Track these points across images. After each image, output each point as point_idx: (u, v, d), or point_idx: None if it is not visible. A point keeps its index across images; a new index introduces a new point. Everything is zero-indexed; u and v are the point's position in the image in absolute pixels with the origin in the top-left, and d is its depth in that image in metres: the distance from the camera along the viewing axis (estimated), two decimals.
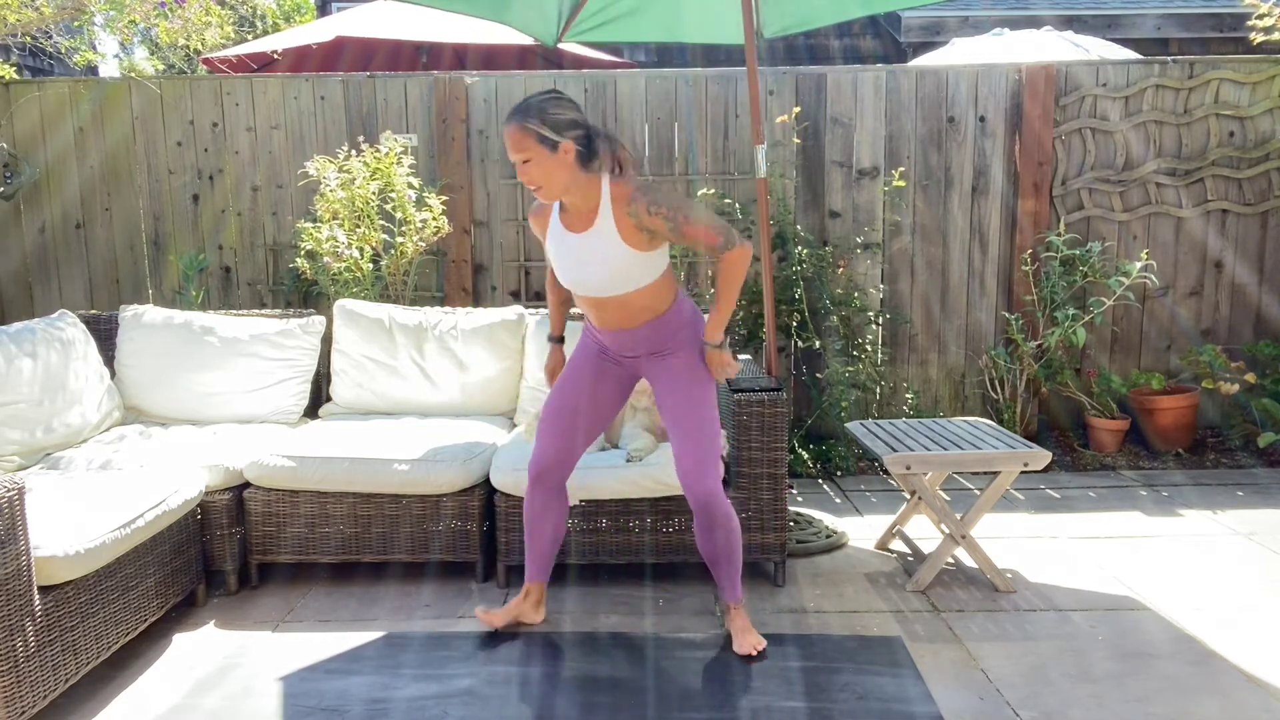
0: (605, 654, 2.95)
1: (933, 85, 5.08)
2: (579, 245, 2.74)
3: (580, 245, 2.74)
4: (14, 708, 2.39)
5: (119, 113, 5.12)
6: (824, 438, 5.04)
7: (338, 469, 3.37)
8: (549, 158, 2.63)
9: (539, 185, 2.66)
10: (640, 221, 2.67)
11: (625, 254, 2.71)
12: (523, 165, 2.63)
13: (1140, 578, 3.50)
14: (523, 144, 2.62)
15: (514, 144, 2.63)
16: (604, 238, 2.70)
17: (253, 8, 7.68)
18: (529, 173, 2.64)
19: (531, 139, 2.61)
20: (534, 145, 2.62)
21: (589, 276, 2.77)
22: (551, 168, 2.64)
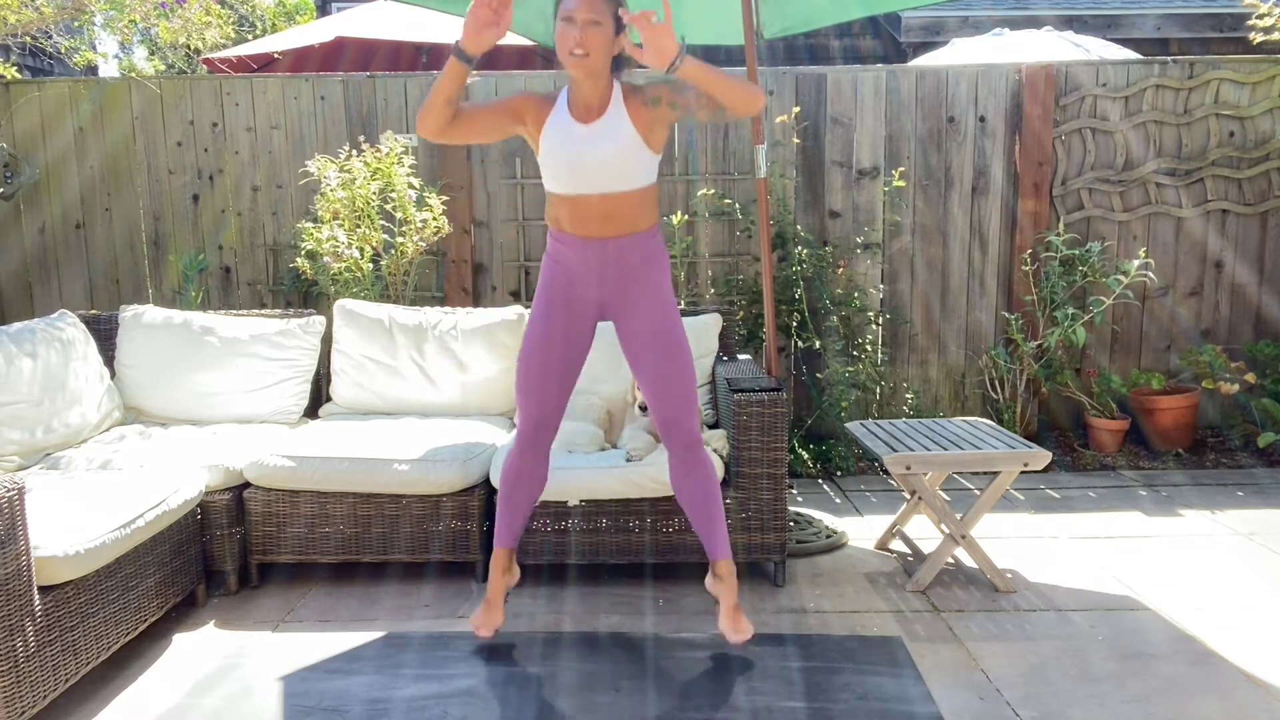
0: (605, 654, 2.95)
1: (933, 85, 5.08)
2: (587, 133, 2.71)
3: (589, 133, 2.71)
4: (14, 708, 2.39)
5: (119, 113, 5.12)
6: (824, 438, 5.04)
7: (338, 469, 3.37)
8: (610, 35, 2.63)
9: (589, 52, 2.59)
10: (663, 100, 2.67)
11: (633, 142, 2.70)
12: (589, 25, 2.58)
13: (1140, 578, 3.50)
14: (599, 9, 2.60)
15: (592, 5, 2.58)
16: (615, 124, 2.70)
17: (252, 7, 7.68)
18: (592, 36, 2.58)
19: (610, 9, 2.62)
20: (607, 16, 2.61)
21: (591, 165, 2.72)
22: (606, 45, 2.63)
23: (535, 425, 2.88)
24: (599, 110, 2.72)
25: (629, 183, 2.75)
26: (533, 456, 2.92)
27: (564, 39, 2.61)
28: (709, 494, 2.88)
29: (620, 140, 2.70)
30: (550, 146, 2.76)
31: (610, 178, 2.73)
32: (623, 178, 2.74)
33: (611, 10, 2.63)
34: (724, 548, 2.90)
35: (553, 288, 2.88)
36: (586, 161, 2.72)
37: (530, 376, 2.86)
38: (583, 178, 2.74)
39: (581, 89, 2.72)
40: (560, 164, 2.76)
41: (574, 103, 2.75)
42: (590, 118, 2.72)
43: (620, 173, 2.73)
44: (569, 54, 2.62)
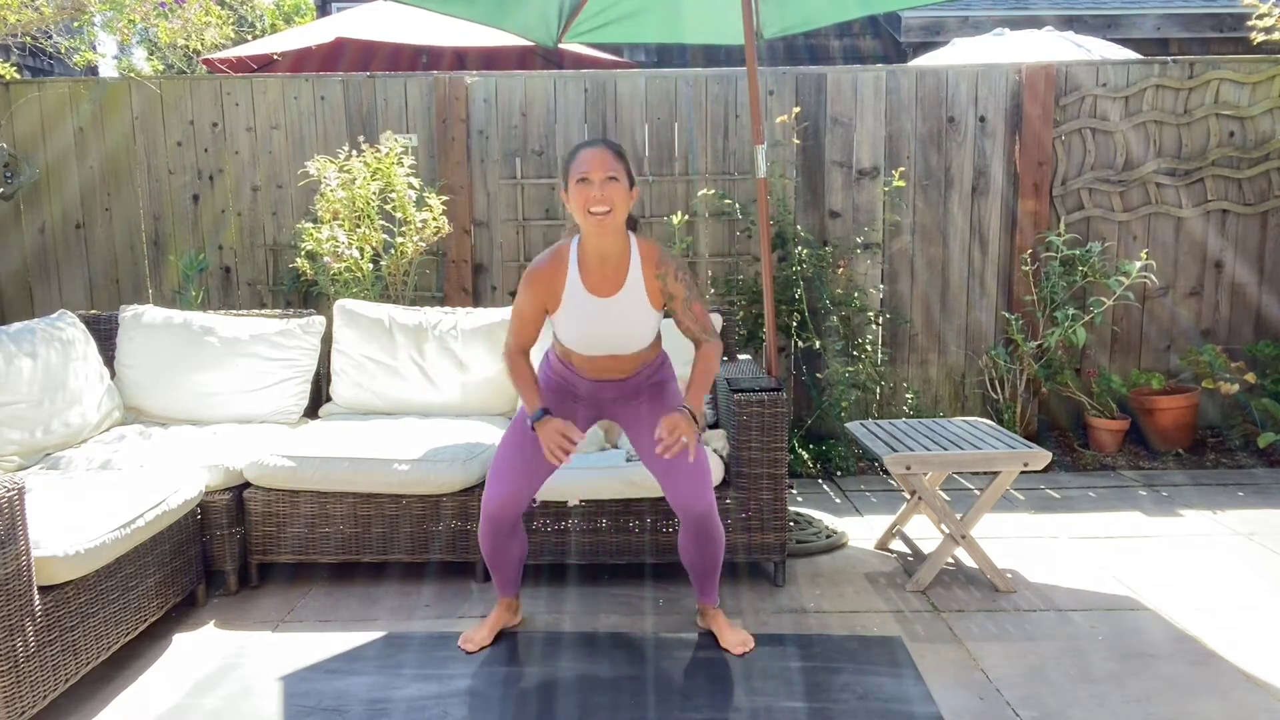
0: (605, 654, 2.95)
1: (933, 85, 5.08)
2: (608, 307, 2.74)
3: (610, 307, 2.74)
4: (14, 708, 2.39)
5: (119, 113, 5.12)
6: (824, 438, 5.04)
7: (338, 469, 3.37)
8: (626, 190, 2.68)
9: (611, 208, 2.63)
10: (666, 284, 2.75)
11: (649, 314, 2.78)
12: (607, 182, 2.62)
13: (1140, 578, 3.50)
14: (613, 165, 2.65)
15: (604, 162, 2.63)
16: (634, 298, 2.74)
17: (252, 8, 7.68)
18: (611, 191, 2.63)
19: (622, 166, 2.67)
20: (621, 172, 2.66)
21: (610, 339, 2.78)
22: (624, 199, 2.67)
23: (502, 505, 2.84)
24: (616, 279, 2.73)
25: (643, 343, 2.83)
26: (497, 529, 2.87)
27: (582, 199, 2.63)
28: (714, 557, 2.93)
29: (639, 313, 2.77)
30: (566, 320, 2.79)
31: (627, 345, 2.81)
32: (639, 341, 2.82)
33: (624, 166, 2.67)
34: (713, 595, 3.02)
35: (554, 388, 2.94)
36: (606, 335, 2.78)
37: (510, 462, 2.85)
38: (599, 346, 2.81)
39: (598, 250, 2.72)
40: (583, 336, 2.80)
41: (586, 264, 2.74)
42: (609, 289, 2.73)
43: (637, 339, 2.81)
44: (589, 213, 2.63)
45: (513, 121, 5.09)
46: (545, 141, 5.09)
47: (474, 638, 2.99)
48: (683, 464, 2.79)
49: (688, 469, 2.80)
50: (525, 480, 2.86)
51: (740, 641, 2.94)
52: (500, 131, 5.10)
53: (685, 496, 2.81)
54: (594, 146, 2.67)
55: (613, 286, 2.74)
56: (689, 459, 2.72)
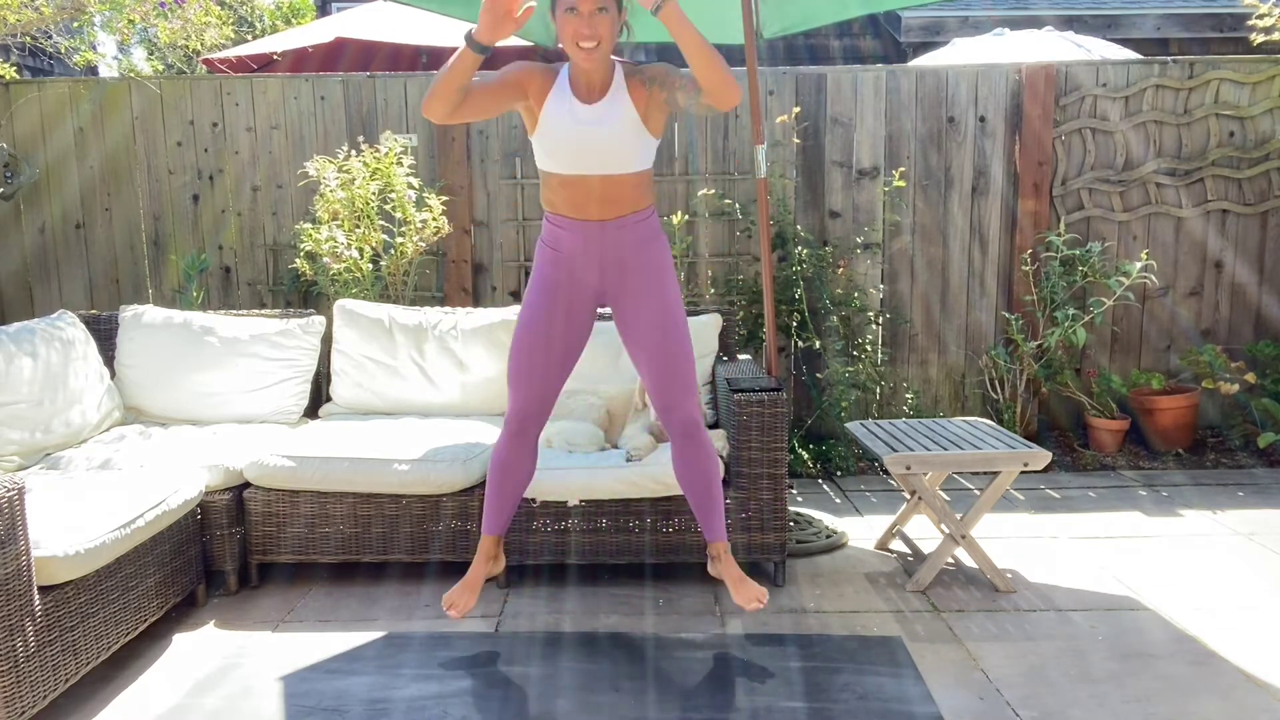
0: (605, 654, 2.95)
1: (933, 85, 5.08)
2: (590, 113, 2.68)
3: (591, 113, 2.68)
4: (14, 708, 2.39)
5: (119, 113, 5.12)
6: (824, 438, 5.04)
7: (338, 469, 3.37)
8: (615, 20, 2.63)
9: (599, 41, 2.58)
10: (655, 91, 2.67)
11: (634, 123, 2.69)
12: (597, 14, 2.56)
13: (1140, 578, 3.50)
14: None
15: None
16: (617, 105, 2.68)
17: (252, 8, 7.68)
18: (600, 24, 2.57)
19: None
20: (611, 2, 2.60)
21: (593, 145, 2.70)
22: (612, 30, 2.62)
23: (524, 415, 2.84)
24: (601, 90, 2.70)
25: (629, 165, 2.73)
26: (519, 446, 2.88)
27: (570, 30, 2.58)
28: (708, 476, 2.88)
29: (623, 120, 2.69)
30: (551, 124, 2.72)
31: (611, 159, 2.72)
32: (623, 159, 2.73)
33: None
34: (720, 530, 2.93)
35: (550, 273, 2.83)
36: (588, 141, 2.70)
37: (525, 364, 2.81)
38: (584, 158, 2.72)
39: (585, 74, 2.69)
40: (561, 143, 2.72)
41: (575, 82, 2.72)
42: (593, 97, 2.70)
43: (621, 154, 2.72)
44: (577, 46, 2.59)
45: (513, 121, 5.09)
46: None
47: (458, 602, 2.92)
48: (672, 367, 2.76)
49: (676, 372, 2.77)
50: (549, 383, 2.83)
51: (753, 598, 2.86)
52: (500, 131, 5.10)
53: (667, 401, 2.78)
54: None
55: (598, 95, 2.70)
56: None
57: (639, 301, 2.81)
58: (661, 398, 2.82)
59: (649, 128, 2.72)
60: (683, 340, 2.81)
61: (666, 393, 2.80)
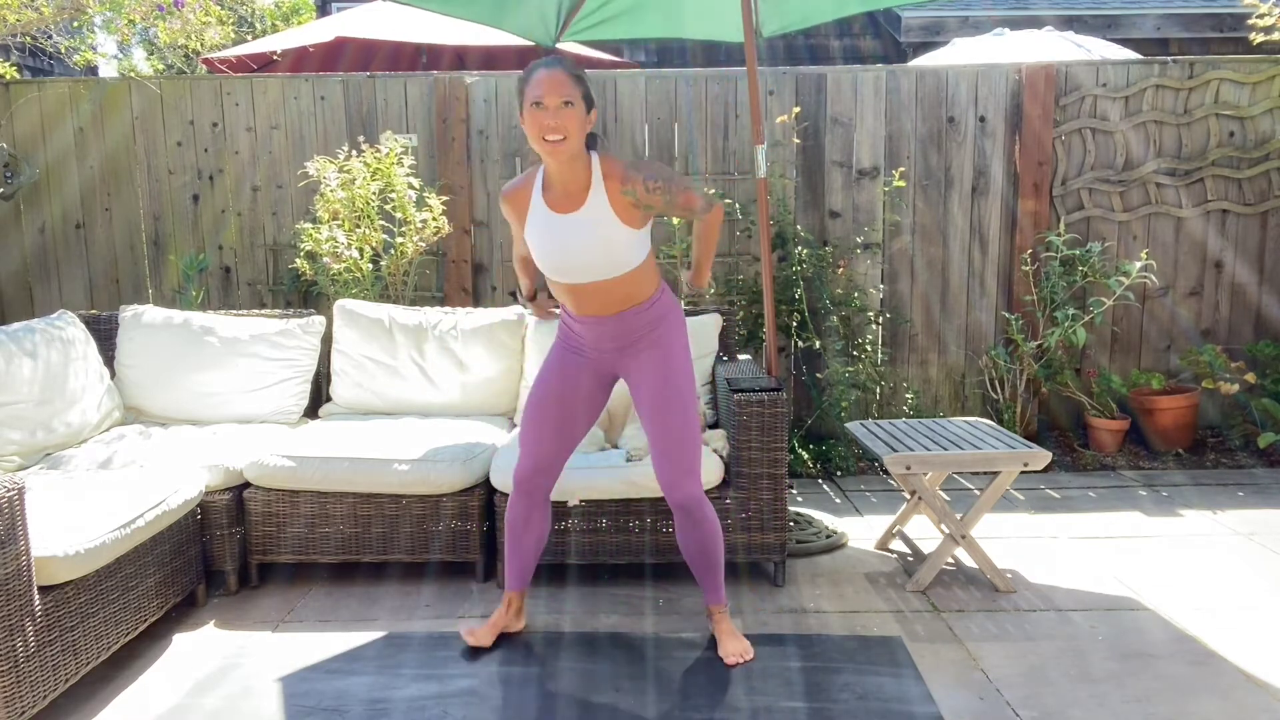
0: (605, 654, 2.95)
1: (933, 85, 5.08)
2: (567, 226, 2.64)
3: (569, 226, 2.64)
4: (14, 708, 2.39)
5: (119, 113, 5.12)
6: (824, 438, 5.04)
7: (338, 469, 3.37)
8: (582, 115, 2.58)
9: (566, 135, 2.53)
10: (638, 199, 2.62)
11: (618, 232, 2.64)
12: (562, 108, 2.52)
13: (1140, 578, 3.50)
14: (569, 89, 2.53)
15: (559, 86, 2.52)
16: (596, 216, 2.62)
17: (252, 8, 7.69)
18: (566, 118, 2.52)
19: (579, 90, 2.57)
20: (578, 96, 2.56)
21: (575, 259, 2.66)
22: (580, 124, 2.58)
23: (531, 470, 2.86)
24: (579, 197, 2.64)
25: (618, 269, 2.69)
26: (526, 502, 2.90)
27: (536, 125, 2.54)
28: (707, 549, 2.87)
29: (603, 232, 2.63)
30: (532, 241, 2.71)
31: (596, 269, 2.68)
32: (610, 266, 2.68)
33: (581, 90, 2.58)
34: (718, 594, 2.94)
35: (565, 345, 2.91)
36: (571, 254, 2.66)
37: (533, 430, 2.86)
38: (570, 270, 2.69)
39: (558, 173, 2.64)
40: (546, 257, 2.71)
41: (550, 186, 2.67)
42: (570, 206, 2.64)
43: (606, 262, 2.67)
44: (543, 140, 2.54)
45: (513, 121, 5.08)
46: None
47: (476, 633, 2.97)
48: (672, 444, 2.75)
49: (676, 453, 2.75)
50: (557, 445, 2.84)
51: (738, 652, 2.86)
52: (500, 131, 5.10)
53: (666, 480, 2.78)
54: (549, 67, 2.55)
55: (574, 204, 2.64)
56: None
57: (643, 381, 2.81)
58: (662, 475, 2.79)
59: (633, 226, 2.66)
60: (686, 422, 2.78)
61: (666, 472, 2.78)
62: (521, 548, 2.95)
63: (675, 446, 2.77)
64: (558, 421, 2.85)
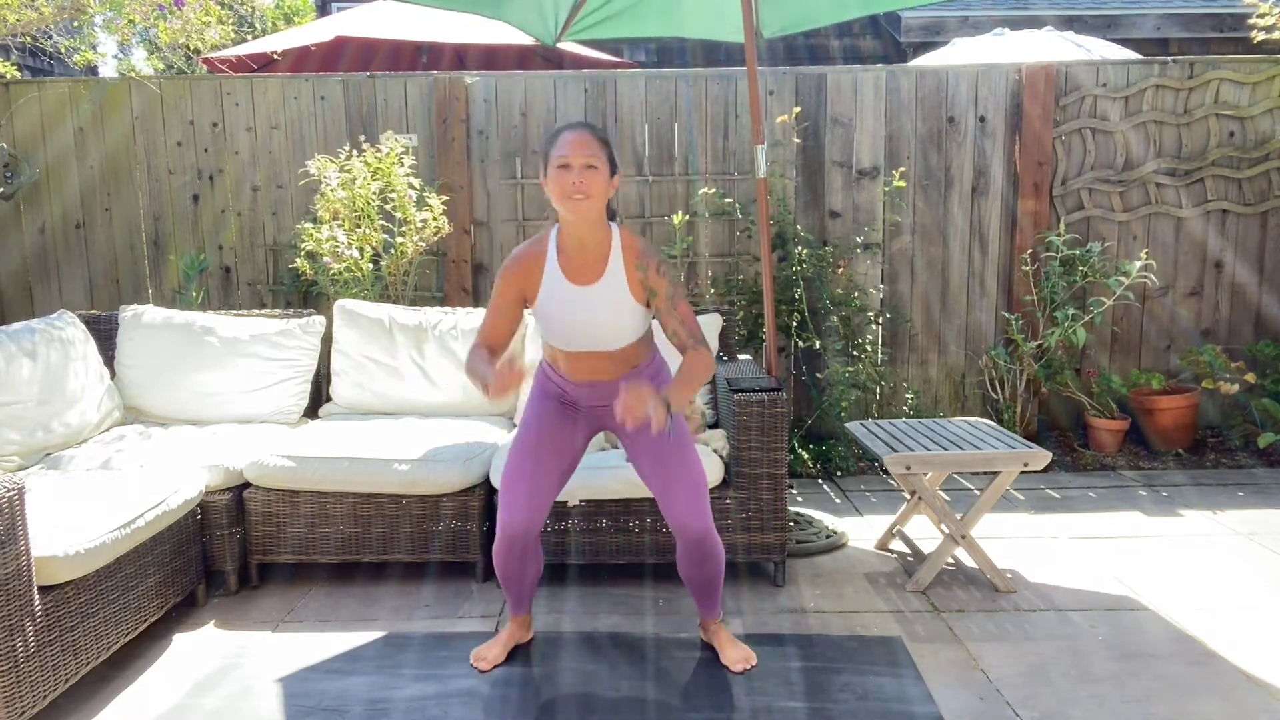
0: (605, 654, 2.95)
1: (933, 85, 5.08)
2: (585, 297, 2.63)
3: (587, 297, 2.63)
4: (14, 708, 2.39)
5: (119, 113, 5.12)
6: (824, 438, 5.04)
7: (338, 469, 3.37)
8: (606, 179, 2.58)
9: (589, 195, 2.53)
10: (646, 278, 2.63)
11: (630, 307, 2.66)
12: (586, 170, 2.52)
13: (1140, 578, 3.50)
14: (595, 151, 2.55)
15: (584, 147, 2.54)
16: (613, 289, 2.63)
17: (252, 8, 7.69)
18: (590, 179, 2.53)
19: (605, 153, 2.57)
20: (602, 160, 2.56)
21: (591, 331, 2.66)
22: (603, 188, 2.57)
23: (524, 523, 2.72)
24: (597, 268, 2.63)
25: (627, 339, 2.71)
26: (523, 548, 2.78)
27: (560, 184, 2.54)
28: (713, 576, 2.84)
29: (619, 306, 2.64)
30: (544, 309, 2.68)
31: (607, 338, 2.69)
32: (620, 337, 2.70)
33: (606, 154, 2.58)
34: (716, 610, 2.93)
35: (545, 404, 2.83)
36: (583, 326, 2.66)
37: (514, 482, 2.74)
38: (582, 340, 2.69)
39: (577, 237, 2.62)
40: (554, 327, 2.69)
41: (566, 251, 2.65)
42: (589, 277, 2.63)
43: (615, 334, 2.69)
44: (568, 198, 2.53)
45: (513, 121, 5.09)
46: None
47: (487, 655, 2.88)
48: (680, 481, 2.71)
49: (684, 486, 2.71)
50: (541, 495, 2.76)
51: (741, 659, 2.84)
52: (500, 131, 5.10)
53: (681, 516, 2.71)
54: (575, 130, 2.57)
55: (592, 275, 2.64)
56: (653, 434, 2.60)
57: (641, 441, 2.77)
58: (673, 518, 2.74)
59: (644, 302, 2.68)
60: (695, 457, 2.76)
61: (677, 516, 2.73)
62: (517, 585, 2.87)
63: (691, 481, 2.72)
64: (547, 471, 2.77)
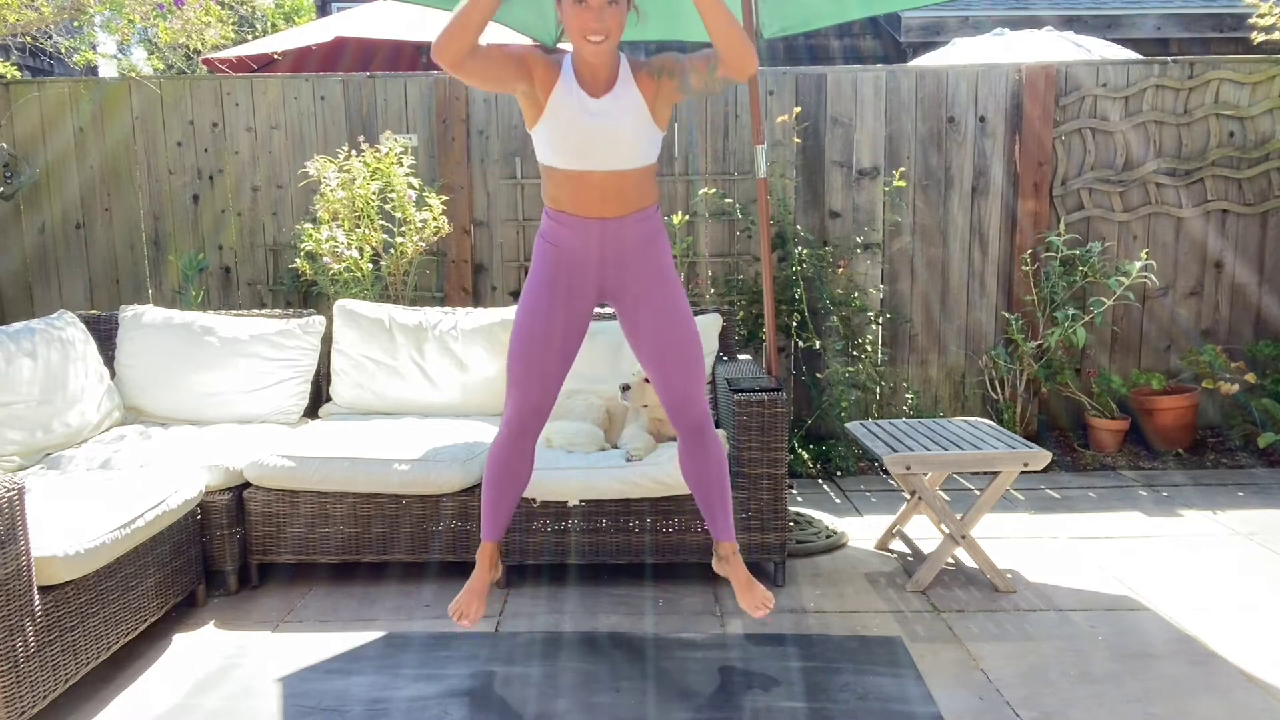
0: (605, 654, 2.95)
1: (933, 85, 5.08)
2: (599, 107, 2.58)
3: (600, 107, 2.58)
4: (14, 708, 2.39)
5: (119, 113, 5.12)
6: (824, 438, 5.04)
7: (338, 469, 3.37)
8: (623, 12, 2.54)
9: (607, 34, 2.48)
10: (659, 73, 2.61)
11: (642, 116, 2.62)
12: (607, 6, 2.46)
13: (1140, 578, 3.50)
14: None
15: None
16: (625, 98, 2.61)
17: (252, 8, 7.69)
18: (609, 17, 2.47)
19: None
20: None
21: (606, 141, 2.62)
22: (621, 23, 2.53)
23: (531, 412, 2.72)
24: (608, 84, 2.62)
25: (635, 160, 2.66)
26: (520, 447, 2.77)
27: (578, 22, 2.48)
28: (719, 476, 2.81)
29: (631, 114, 2.62)
30: (559, 118, 2.62)
31: (618, 154, 2.64)
32: (630, 154, 2.65)
33: None
34: (729, 529, 2.85)
35: (551, 271, 2.74)
36: (596, 134, 2.61)
37: (527, 364, 2.71)
38: (590, 153, 2.64)
39: (589, 69, 2.61)
40: (568, 136, 2.63)
41: (580, 75, 2.62)
42: (600, 91, 2.61)
43: (628, 148, 2.64)
44: (585, 39, 2.49)
45: (513, 121, 5.09)
46: None
47: (468, 612, 2.81)
48: (682, 364, 2.71)
49: (688, 365, 2.70)
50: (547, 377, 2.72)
51: (760, 602, 2.79)
52: (500, 131, 5.10)
53: (683, 398, 2.71)
54: None
55: (605, 89, 2.60)
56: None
57: (640, 296, 2.75)
58: (672, 398, 2.75)
59: (656, 120, 2.66)
60: (691, 341, 2.75)
61: (673, 385, 2.73)
62: (503, 493, 2.82)
63: (687, 357, 2.71)
64: (549, 357, 2.73)
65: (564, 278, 2.74)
